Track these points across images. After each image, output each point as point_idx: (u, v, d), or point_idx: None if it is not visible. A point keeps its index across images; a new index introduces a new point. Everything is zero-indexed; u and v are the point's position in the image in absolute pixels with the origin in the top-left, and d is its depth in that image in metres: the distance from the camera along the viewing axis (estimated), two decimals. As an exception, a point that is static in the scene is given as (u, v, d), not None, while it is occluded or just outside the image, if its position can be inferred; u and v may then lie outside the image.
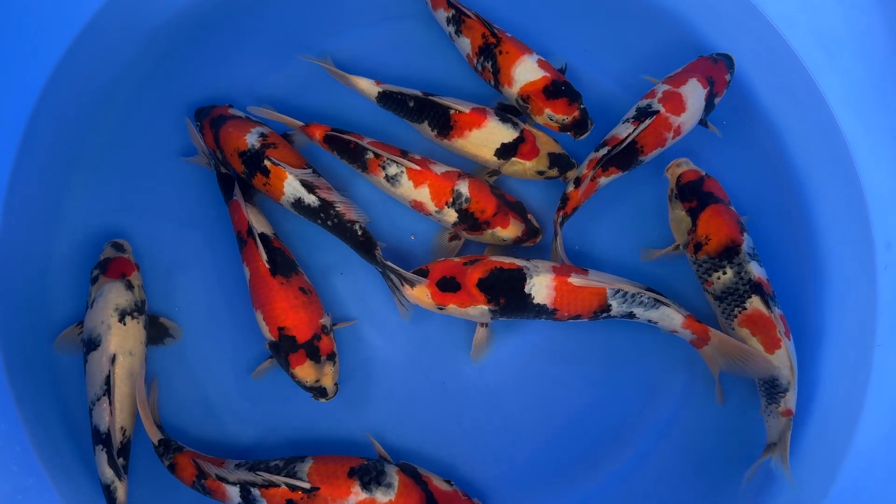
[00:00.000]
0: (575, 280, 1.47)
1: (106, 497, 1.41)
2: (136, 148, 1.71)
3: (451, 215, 1.57)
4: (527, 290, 1.47)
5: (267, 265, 1.49)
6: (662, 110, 1.58)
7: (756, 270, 1.51)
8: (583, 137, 1.61)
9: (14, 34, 1.56)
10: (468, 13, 1.67)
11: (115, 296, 1.49)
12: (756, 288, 1.49)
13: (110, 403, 1.41)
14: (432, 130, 1.64)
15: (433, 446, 1.59)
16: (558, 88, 1.59)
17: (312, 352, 1.47)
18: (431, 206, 1.57)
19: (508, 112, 1.67)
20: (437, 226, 1.66)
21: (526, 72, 1.60)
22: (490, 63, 1.65)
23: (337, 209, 1.52)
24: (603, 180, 1.59)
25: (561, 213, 1.58)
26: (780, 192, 1.75)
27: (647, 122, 1.56)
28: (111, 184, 1.69)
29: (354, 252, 1.55)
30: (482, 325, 1.57)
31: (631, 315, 1.50)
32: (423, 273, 1.51)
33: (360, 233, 1.52)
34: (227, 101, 1.71)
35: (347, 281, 1.66)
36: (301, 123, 1.62)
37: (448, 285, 1.49)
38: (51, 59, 1.65)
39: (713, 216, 1.53)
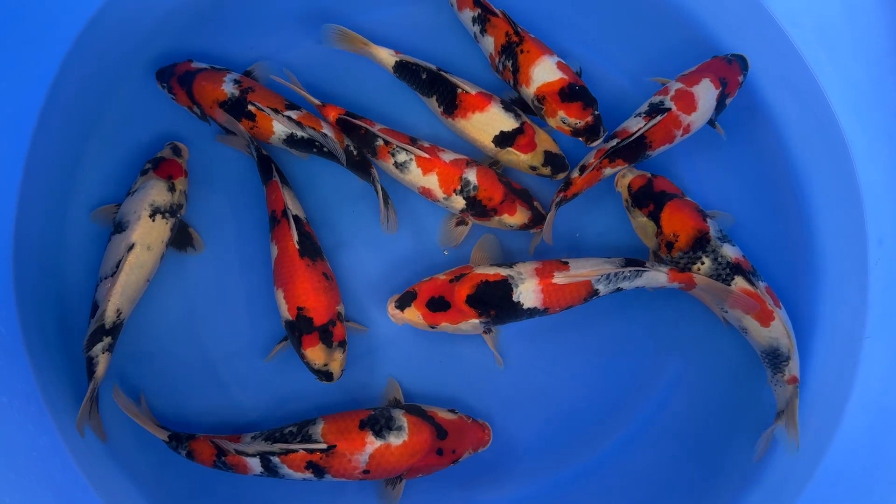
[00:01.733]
0: (559, 279, 1.50)
1: (87, 369, 1.48)
2: (150, 123, 1.73)
3: (460, 202, 1.60)
4: (515, 298, 1.50)
5: (297, 245, 1.54)
6: (674, 108, 1.61)
7: (731, 251, 1.56)
8: (594, 144, 1.61)
9: (32, 13, 1.58)
10: (495, 11, 1.69)
11: (154, 193, 1.57)
12: (736, 268, 1.54)
13: (113, 285, 1.48)
14: (439, 107, 1.67)
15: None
16: (574, 92, 1.60)
17: (326, 336, 1.51)
18: (440, 193, 1.61)
19: (525, 109, 1.69)
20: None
21: (544, 72, 1.62)
22: (510, 62, 1.66)
23: (328, 136, 1.58)
24: (608, 171, 1.62)
25: (561, 195, 1.61)
26: (778, 185, 1.79)
27: (658, 118, 1.59)
28: (125, 159, 1.70)
29: (359, 228, 1.64)
30: (485, 332, 1.59)
31: (619, 289, 1.54)
32: (412, 295, 1.54)
33: (355, 153, 1.59)
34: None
35: (352, 258, 1.70)
36: (318, 102, 1.65)
37: (438, 305, 1.52)
38: (69, 34, 1.67)
39: (674, 213, 1.58)
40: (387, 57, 1.70)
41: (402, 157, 1.60)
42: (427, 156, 1.59)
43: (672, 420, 1.67)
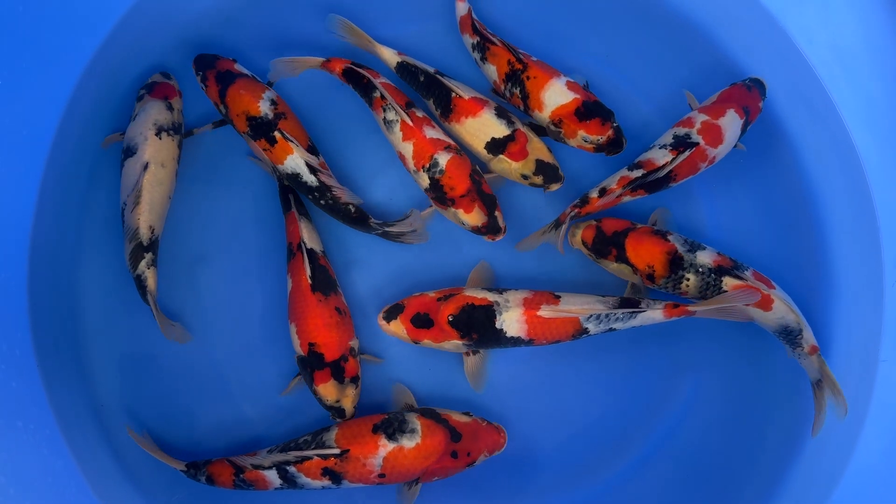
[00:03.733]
0: (545, 313, 1.49)
1: (138, 287, 1.55)
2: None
3: (425, 180, 1.61)
4: (498, 325, 1.50)
5: (310, 280, 1.53)
6: (702, 143, 1.59)
7: (706, 257, 1.55)
8: (617, 154, 1.62)
9: (49, 31, 1.59)
10: (493, 40, 1.68)
11: (155, 112, 1.61)
12: (720, 271, 1.54)
13: (138, 205, 1.53)
14: (436, 110, 1.68)
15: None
16: (590, 109, 1.59)
17: (337, 372, 1.51)
18: (410, 165, 1.62)
19: (538, 132, 1.68)
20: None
21: (556, 95, 1.62)
22: (518, 89, 1.66)
23: (333, 193, 1.58)
24: (627, 199, 1.61)
25: (575, 210, 1.60)
26: (793, 203, 1.78)
27: (687, 153, 1.57)
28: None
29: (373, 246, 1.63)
30: (467, 354, 1.59)
31: (611, 330, 1.52)
32: (399, 309, 1.55)
33: (353, 210, 1.59)
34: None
35: (365, 275, 1.70)
36: (322, 59, 1.67)
37: (421, 322, 1.53)
38: (85, 52, 1.66)
39: (637, 248, 1.57)
40: (390, 57, 1.72)
41: (391, 115, 1.63)
42: (411, 123, 1.60)
43: (688, 439, 1.67)
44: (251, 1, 1.81)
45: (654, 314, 1.50)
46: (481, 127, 1.62)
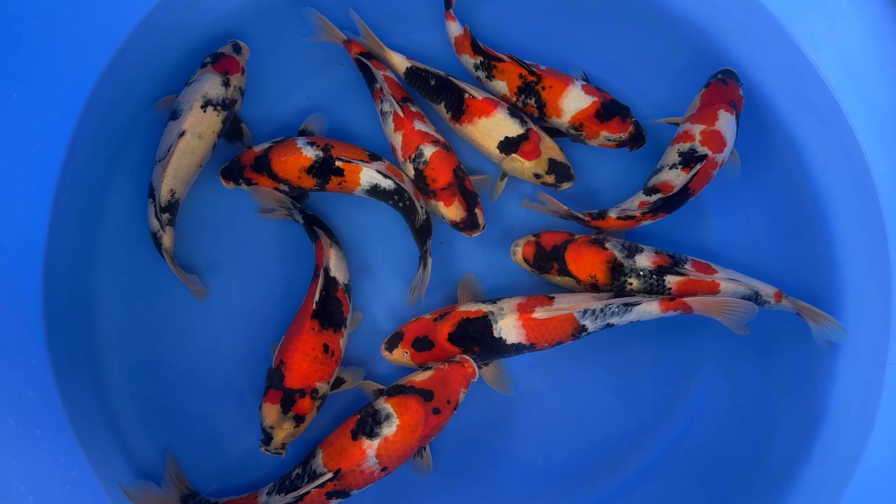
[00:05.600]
0: (539, 314, 1.49)
1: (154, 243, 1.61)
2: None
3: (410, 171, 1.64)
4: (496, 334, 1.50)
5: (315, 306, 1.51)
6: (709, 153, 1.60)
7: (647, 259, 1.56)
8: (640, 148, 1.67)
9: (61, 47, 1.61)
10: (501, 57, 1.69)
11: (209, 86, 1.64)
12: (660, 270, 1.55)
13: (165, 168, 1.57)
14: (447, 112, 1.69)
15: (450, 451, 1.64)
16: (608, 109, 1.63)
17: (287, 401, 1.47)
18: (399, 155, 1.65)
19: (550, 134, 1.70)
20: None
21: (574, 101, 1.64)
22: (533, 99, 1.68)
23: (408, 192, 1.59)
24: (647, 222, 1.62)
25: (588, 220, 1.61)
26: (800, 209, 1.79)
27: (699, 167, 1.58)
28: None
29: (386, 255, 1.67)
30: (480, 367, 1.59)
31: (610, 325, 1.52)
32: (399, 336, 1.57)
33: (424, 217, 1.59)
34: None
35: (375, 283, 1.71)
36: (344, 37, 1.75)
37: (422, 344, 1.54)
38: (96, 67, 1.68)
39: (577, 260, 1.58)
40: (399, 62, 1.74)
41: (386, 106, 1.67)
42: (402, 115, 1.63)
43: (697, 444, 1.67)
44: (259, 12, 1.83)
45: (650, 308, 1.49)
46: (494, 126, 1.64)
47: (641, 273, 1.54)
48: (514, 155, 1.64)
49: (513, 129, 1.64)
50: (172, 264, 1.58)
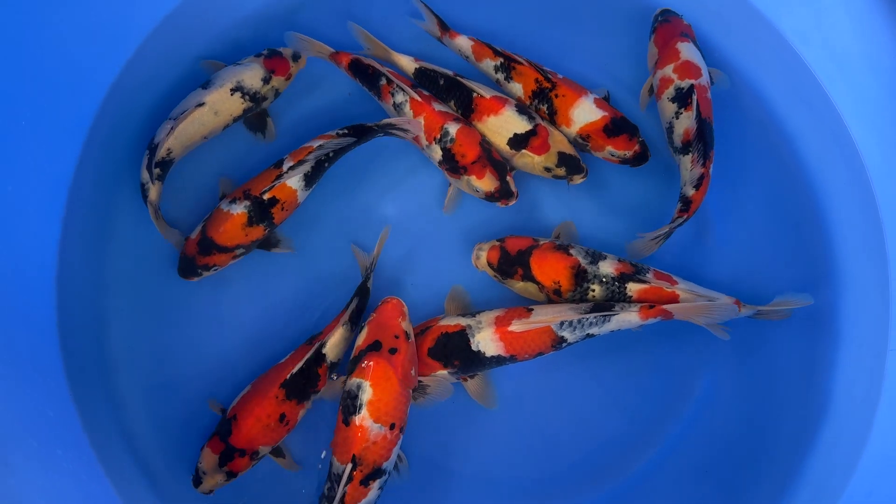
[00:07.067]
0: (515, 327, 1.50)
1: (141, 194, 1.63)
2: (185, 167, 1.74)
3: (437, 152, 1.66)
4: (474, 348, 1.52)
5: (288, 376, 1.50)
6: (693, 81, 1.63)
7: (610, 266, 1.57)
8: (641, 166, 1.69)
9: (68, 62, 1.63)
10: (519, 60, 1.73)
11: (249, 75, 1.66)
12: (622, 278, 1.56)
13: (171, 129, 1.59)
14: (457, 111, 1.72)
15: (451, 450, 1.66)
16: (617, 126, 1.66)
17: (227, 455, 1.48)
18: (423, 140, 1.66)
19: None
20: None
21: (585, 113, 1.67)
22: (545, 105, 1.71)
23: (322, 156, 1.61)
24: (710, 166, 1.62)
25: (680, 214, 1.59)
26: (796, 200, 1.80)
27: (694, 97, 1.61)
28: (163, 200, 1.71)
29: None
30: (464, 379, 1.60)
31: (590, 336, 1.52)
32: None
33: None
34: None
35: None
36: (331, 50, 1.73)
37: None
38: (104, 81, 1.69)
39: (541, 265, 1.58)
40: (407, 64, 1.76)
41: (399, 97, 1.68)
42: (419, 99, 1.66)
43: (702, 438, 1.69)
44: (270, 17, 1.83)
45: (629, 316, 1.50)
46: (503, 124, 1.67)
47: (604, 280, 1.56)
48: (523, 151, 1.67)
49: (521, 125, 1.66)
50: (155, 216, 1.60)
